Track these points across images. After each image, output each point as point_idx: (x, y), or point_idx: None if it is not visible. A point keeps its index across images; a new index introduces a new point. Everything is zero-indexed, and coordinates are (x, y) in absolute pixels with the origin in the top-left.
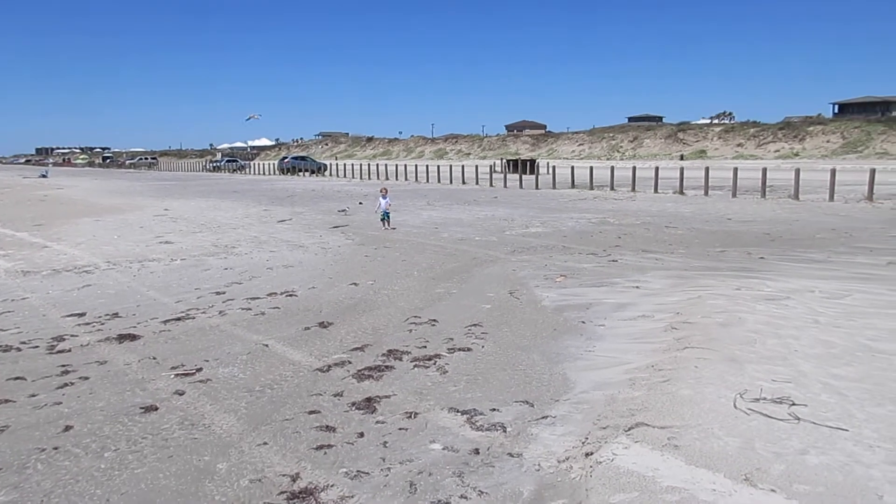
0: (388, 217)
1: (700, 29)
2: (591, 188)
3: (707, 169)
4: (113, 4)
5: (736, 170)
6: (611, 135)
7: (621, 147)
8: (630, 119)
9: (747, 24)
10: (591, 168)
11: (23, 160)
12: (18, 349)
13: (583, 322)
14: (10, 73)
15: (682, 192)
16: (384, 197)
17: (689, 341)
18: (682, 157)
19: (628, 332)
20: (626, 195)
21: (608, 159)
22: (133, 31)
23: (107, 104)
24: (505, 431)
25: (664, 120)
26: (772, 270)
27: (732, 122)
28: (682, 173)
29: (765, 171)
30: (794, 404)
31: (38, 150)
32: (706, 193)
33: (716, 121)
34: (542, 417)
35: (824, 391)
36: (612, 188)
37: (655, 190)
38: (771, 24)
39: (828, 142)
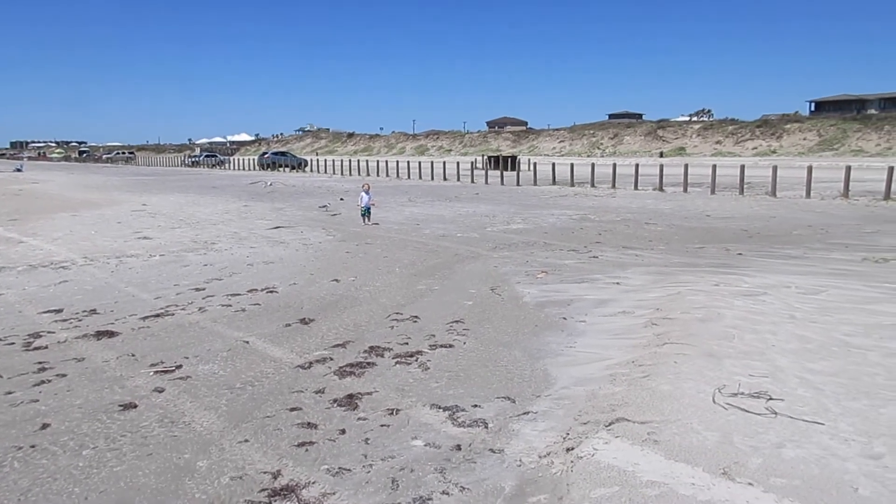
0: (370, 213)
1: (680, 27)
2: (572, 185)
3: (686, 166)
4: (88, 5)
5: (714, 167)
6: (591, 132)
7: (602, 144)
8: (610, 116)
9: (726, 23)
10: (572, 165)
11: None
12: None
13: (564, 318)
14: None
15: (661, 189)
16: (367, 193)
17: (668, 337)
18: (661, 155)
19: (609, 328)
20: (607, 192)
21: (589, 156)
22: (110, 22)
23: (83, 97)
24: (486, 427)
25: (644, 117)
26: (749, 266)
27: (711, 119)
28: (661, 170)
29: (743, 168)
30: (771, 399)
31: (12, 143)
32: (685, 190)
33: (695, 118)
34: (524, 413)
35: (801, 386)
36: (592, 185)
37: (635, 187)
38: (749, 22)
39: (804, 139)
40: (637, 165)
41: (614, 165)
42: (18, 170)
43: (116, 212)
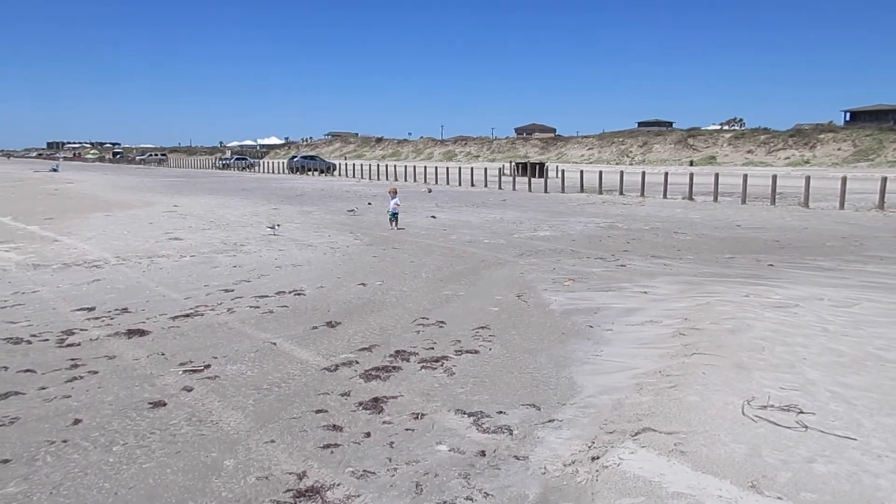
0: (397, 217)
1: (711, 34)
2: (600, 192)
3: (717, 175)
4: (123, 8)
5: (746, 176)
6: (620, 139)
7: (631, 152)
8: (640, 124)
9: (759, 31)
10: (601, 172)
11: (34, 154)
12: (29, 342)
13: (590, 326)
14: (22, 67)
15: (691, 198)
16: (393, 197)
17: (696, 347)
18: (691, 163)
19: (636, 337)
20: (635, 200)
21: (617, 164)
22: (145, 27)
23: (118, 100)
24: (511, 434)
25: (674, 125)
26: (781, 278)
27: (743, 128)
28: (691, 179)
29: (775, 178)
30: (801, 412)
31: (49, 144)
32: (715, 199)
33: (726, 127)
34: (549, 421)
35: (832, 400)
36: (621, 193)
37: (665, 195)
38: (783, 31)
39: (839, 149)
40: (666, 174)
41: (643, 174)
42: (54, 169)
43: (148, 212)
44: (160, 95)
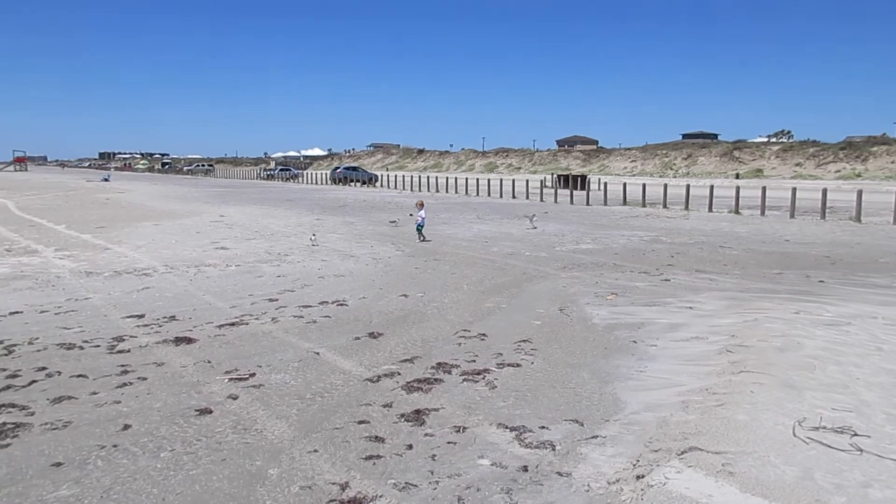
0: (422, 229)
1: (757, 46)
2: (644, 205)
3: (764, 188)
4: (173, 21)
5: (794, 190)
6: (664, 152)
7: (674, 164)
8: (684, 136)
9: (807, 42)
10: (644, 185)
11: (87, 164)
12: (81, 347)
13: (634, 342)
14: (76, 81)
15: (737, 212)
16: (420, 209)
17: (744, 365)
18: (737, 176)
19: (681, 354)
20: (680, 213)
21: (661, 176)
22: (192, 42)
23: (166, 112)
24: (554, 450)
25: (719, 137)
26: (832, 295)
27: (791, 140)
28: (737, 192)
29: (825, 191)
30: (856, 434)
31: (101, 154)
32: (763, 213)
33: (773, 139)
34: (592, 437)
35: (889, 422)
36: (664, 206)
37: (710, 209)
38: (832, 43)
39: (892, 162)
40: (712, 187)
41: (688, 186)
42: (106, 179)
43: (196, 222)
44: (208, 107)
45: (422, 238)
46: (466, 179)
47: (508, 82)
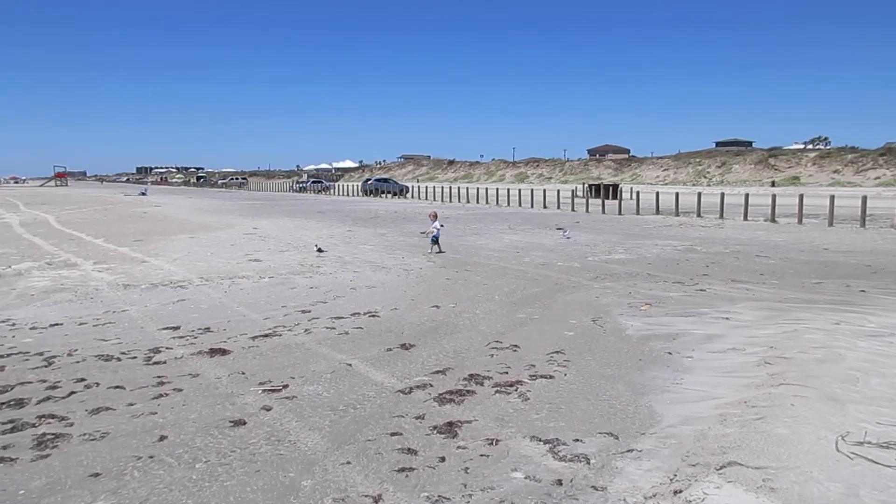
0: (437, 241)
1: (792, 52)
2: (677, 215)
3: (801, 196)
4: (207, 36)
5: (832, 197)
6: (697, 160)
7: (708, 173)
8: (718, 144)
9: (844, 47)
10: (677, 194)
11: (125, 178)
12: (119, 359)
13: (669, 353)
14: (114, 99)
15: (773, 220)
16: (434, 221)
17: (784, 377)
18: (773, 184)
19: (718, 366)
20: (714, 222)
21: (694, 185)
22: (225, 57)
23: (201, 126)
24: (588, 463)
25: (754, 145)
26: (874, 305)
27: (828, 147)
28: (773, 200)
29: (864, 199)
30: None
31: (138, 169)
32: (800, 222)
33: (810, 146)
34: (628, 451)
35: None
36: (698, 215)
37: (745, 217)
38: (869, 46)
39: None
40: (747, 195)
41: (722, 195)
42: (143, 193)
43: (230, 235)
44: (241, 121)
45: (437, 250)
46: (497, 190)
47: (539, 92)
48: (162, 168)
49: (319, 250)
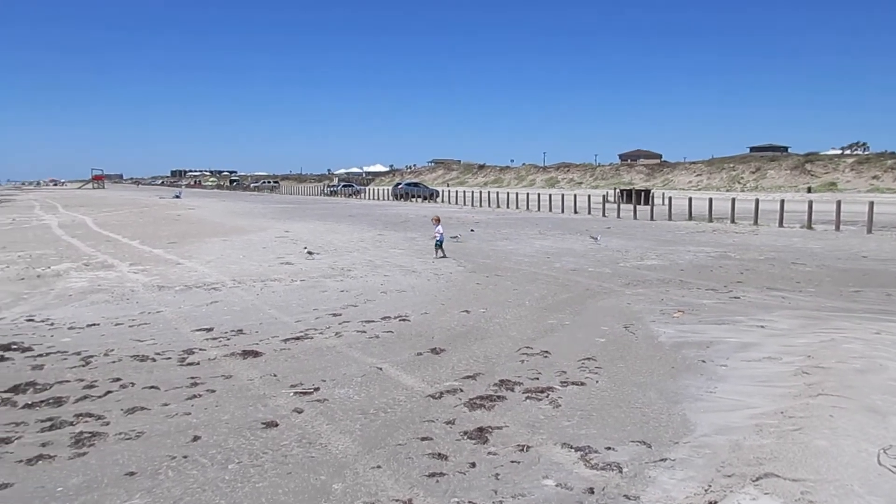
0: (440, 245)
1: (828, 56)
2: (710, 220)
3: (839, 202)
4: (237, 42)
5: (871, 204)
6: (731, 165)
7: (742, 178)
8: (752, 149)
9: (881, 52)
10: (710, 199)
11: (159, 182)
12: (153, 359)
13: (703, 361)
14: (150, 102)
15: (810, 227)
16: (437, 226)
17: (822, 387)
18: (809, 190)
19: (753, 375)
20: (748, 229)
21: (728, 191)
22: (259, 63)
23: (234, 129)
24: (621, 472)
25: (790, 150)
26: None
27: (867, 153)
28: (810, 206)
29: None
30: None
31: (172, 172)
32: (837, 228)
33: (848, 151)
34: (661, 460)
35: None
36: (732, 221)
37: (780, 224)
38: None
39: None
40: (782, 201)
41: (757, 201)
42: (177, 196)
43: (262, 237)
44: (273, 125)
45: (441, 254)
46: (527, 194)
47: (570, 97)
48: (196, 171)
49: (309, 253)
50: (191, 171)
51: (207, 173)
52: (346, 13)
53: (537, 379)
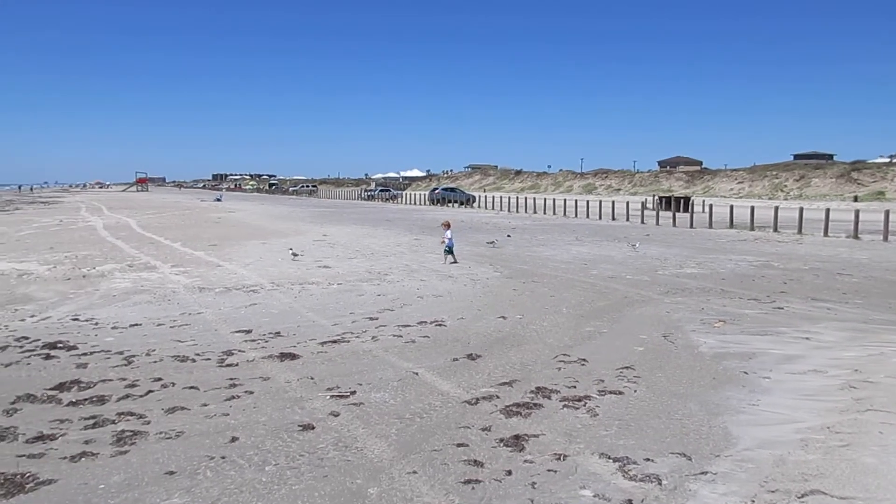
0: (451, 251)
1: (873, 63)
2: (752, 229)
3: (887, 212)
4: (278, 47)
5: None
6: (774, 173)
7: (785, 186)
8: (796, 156)
9: None
10: (753, 207)
11: (201, 185)
12: (193, 360)
13: (745, 372)
14: (193, 107)
15: (856, 237)
16: (447, 230)
17: (870, 402)
18: (856, 199)
19: (798, 388)
20: (792, 238)
21: (770, 199)
22: (295, 65)
23: (274, 133)
24: (660, 484)
25: (835, 158)
26: None
27: None
28: (856, 216)
29: None
30: None
31: (214, 175)
32: (885, 239)
33: None
34: (702, 473)
35: None
36: (775, 230)
37: (825, 233)
38: None
39: None
40: (828, 210)
41: (801, 209)
42: (218, 199)
43: (300, 241)
44: (312, 130)
45: (451, 260)
46: (564, 201)
47: (608, 104)
48: (236, 175)
49: (294, 255)
50: (231, 174)
51: (247, 177)
52: (387, 19)
53: (574, 387)
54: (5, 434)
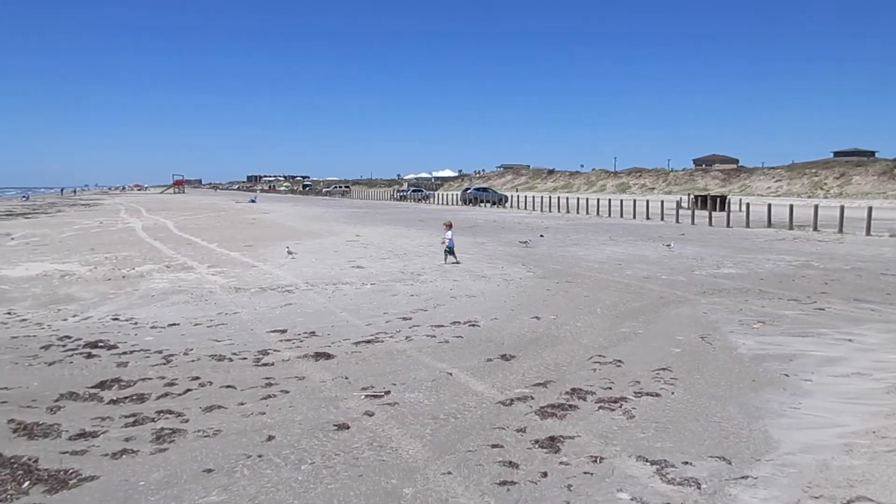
0: (451, 251)
1: None
2: (791, 228)
3: None
4: (309, 53)
5: None
6: (813, 170)
7: (825, 184)
8: (836, 154)
9: None
10: (791, 206)
11: (236, 186)
12: (230, 359)
13: (786, 375)
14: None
15: None
16: (448, 230)
17: None
18: None
19: (840, 391)
20: (832, 237)
21: (809, 197)
22: (330, 71)
23: (307, 136)
24: (699, 488)
25: (877, 155)
26: None
27: None
28: None
29: None
30: None
31: (248, 177)
32: None
33: None
34: (742, 477)
35: None
36: (815, 229)
37: (867, 232)
38: None
39: None
40: (870, 208)
41: (842, 208)
42: (253, 201)
43: (334, 241)
44: (345, 131)
45: (452, 260)
46: (598, 200)
47: (642, 103)
48: (270, 176)
49: (289, 252)
50: (265, 176)
51: (281, 178)
52: (422, 23)
53: (610, 388)
54: (49, 431)
